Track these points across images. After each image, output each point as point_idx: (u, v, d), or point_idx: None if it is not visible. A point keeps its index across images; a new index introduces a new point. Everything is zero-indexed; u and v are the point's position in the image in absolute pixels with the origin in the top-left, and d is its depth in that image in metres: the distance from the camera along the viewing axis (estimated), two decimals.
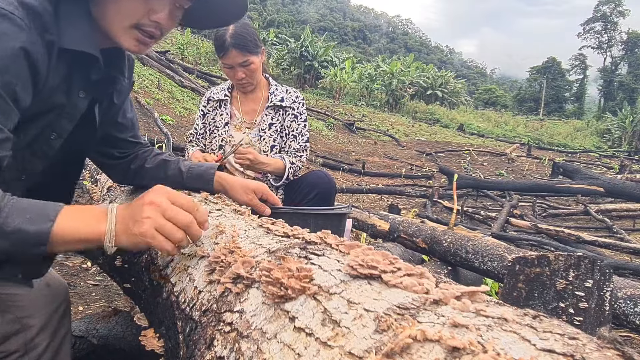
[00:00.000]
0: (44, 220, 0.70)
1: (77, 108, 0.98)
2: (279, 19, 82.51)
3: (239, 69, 2.00)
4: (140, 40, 0.93)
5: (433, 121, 26.50)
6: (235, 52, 1.94)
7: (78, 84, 0.94)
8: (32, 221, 0.69)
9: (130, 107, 1.29)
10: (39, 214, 0.71)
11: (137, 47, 0.94)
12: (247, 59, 1.97)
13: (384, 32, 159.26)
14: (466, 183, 6.93)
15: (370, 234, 3.04)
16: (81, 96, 0.97)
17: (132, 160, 1.31)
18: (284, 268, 0.60)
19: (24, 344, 0.98)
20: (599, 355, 0.36)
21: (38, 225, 0.69)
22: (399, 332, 0.43)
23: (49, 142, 0.95)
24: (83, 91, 0.96)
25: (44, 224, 0.70)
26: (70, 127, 0.98)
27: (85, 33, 0.88)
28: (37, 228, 0.69)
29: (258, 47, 2.02)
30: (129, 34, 0.91)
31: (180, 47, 21.73)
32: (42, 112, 0.89)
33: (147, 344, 0.86)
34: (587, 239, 3.82)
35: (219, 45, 1.99)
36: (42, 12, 0.81)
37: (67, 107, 0.94)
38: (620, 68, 60.74)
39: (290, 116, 2.14)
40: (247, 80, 2.04)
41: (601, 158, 16.46)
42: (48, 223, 0.70)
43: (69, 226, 0.72)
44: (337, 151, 11.26)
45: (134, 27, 0.91)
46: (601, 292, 1.15)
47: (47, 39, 0.82)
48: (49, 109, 0.90)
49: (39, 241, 0.69)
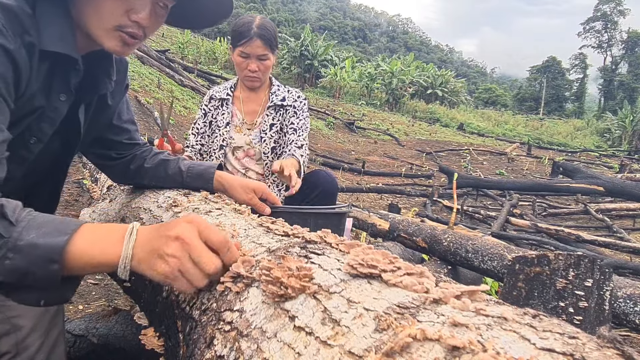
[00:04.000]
0: (59, 234, 0.66)
1: (58, 111, 0.96)
2: (279, 18, 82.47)
3: (255, 61, 1.99)
4: (123, 41, 0.91)
5: (433, 120, 26.48)
6: (259, 42, 1.94)
7: (58, 87, 0.93)
8: (47, 235, 0.65)
9: (127, 108, 1.28)
10: (56, 228, 0.67)
11: (121, 49, 0.93)
12: (266, 53, 1.97)
13: (384, 31, 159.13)
14: (466, 182, 6.92)
15: (370, 233, 3.04)
16: (62, 99, 0.95)
17: (131, 161, 1.31)
18: (284, 267, 0.60)
19: (15, 345, 0.95)
20: (599, 355, 0.36)
21: (52, 239, 0.65)
22: (398, 331, 0.43)
23: (28, 146, 0.93)
24: (64, 94, 0.95)
25: (57, 237, 0.65)
26: (50, 131, 0.97)
27: (62, 34, 0.87)
28: (50, 242, 0.65)
29: (276, 46, 2.03)
30: (110, 36, 0.90)
31: (180, 46, 21.71)
32: (22, 116, 0.87)
33: (147, 343, 0.87)
34: (587, 239, 3.82)
35: (242, 32, 1.95)
36: (20, 13, 0.79)
37: (47, 111, 0.92)
38: (620, 67, 60.71)
39: (290, 113, 2.11)
40: (257, 75, 2.02)
41: (601, 157, 16.44)
42: (63, 237, 0.66)
43: (84, 246, 0.67)
44: (337, 150, 11.26)
45: (116, 29, 0.89)
46: (601, 292, 1.15)
47: (27, 40, 0.80)
48: (29, 112, 0.88)
49: (51, 257, 0.64)
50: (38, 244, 0.64)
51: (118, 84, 1.16)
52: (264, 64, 2.00)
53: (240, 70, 2.05)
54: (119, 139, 1.26)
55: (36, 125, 0.92)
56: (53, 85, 0.91)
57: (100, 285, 2.31)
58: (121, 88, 1.19)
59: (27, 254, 0.63)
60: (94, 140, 1.21)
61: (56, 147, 1.05)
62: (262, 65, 2.00)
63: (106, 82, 1.08)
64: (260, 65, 2.00)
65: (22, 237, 0.64)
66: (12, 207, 0.67)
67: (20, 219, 0.66)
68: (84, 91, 1.03)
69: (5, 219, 0.64)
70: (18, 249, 0.63)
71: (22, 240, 0.64)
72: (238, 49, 1.99)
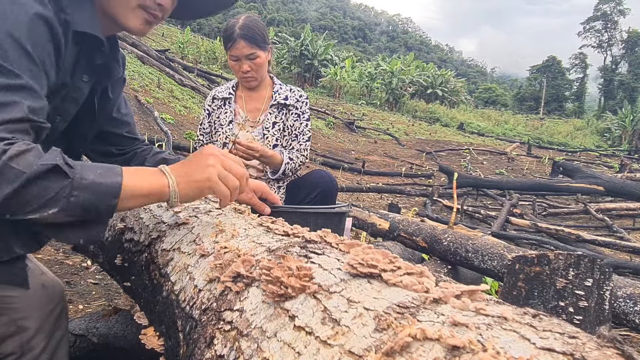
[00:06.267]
0: (114, 174, 0.76)
1: (81, 92, 0.99)
2: (279, 18, 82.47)
3: (245, 61, 1.99)
4: (146, 20, 0.95)
5: (433, 120, 26.46)
6: (244, 43, 1.94)
7: (82, 68, 0.95)
8: (104, 175, 0.75)
9: (125, 103, 1.29)
10: (108, 169, 0.76)
11: (143, 27, 0.96)
12: (254, 51, 1.97)
13: (384, 31, 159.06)
14: (466, 182, 6.93)
15: (370, 233, 3.04)
16: (85, 80, 0.98)
17: (131, 158, 1.31)
18: (284, 267, 0.60)
19: (20, 346, 0.96)
20: (599, 354, 0.36)
21: (110, 179, 0.75)
22: (398, 331, 0.43)
23: (54, 124, 0.95)
24: (86, 75, 0.98)
25: (115, 177, 0.76)
26: (74, 110, 1.00)
27: (91, 16, 0.90)
28: (110, 180, 0.75)
29: (266, 42, 2.02)
30: (135, 14, 0.94)
31: (180, 46, 21.69)
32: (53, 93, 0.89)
33: (147, 343, 0.87)
34: (587, 238, 3.82)
35: (227, 36, 1.98)
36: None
37: (71, 90, 0.95)
38: (620, 67, 60.68)
39: (293, 115, 2.13)
40: (251, 75, 2.03)
41: (601, 157, 16.44)
42: (118, 177, 0.76)
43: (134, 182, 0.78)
44: (337, 150, 11.26)
45: (140, 8, 0.93)
46: (601, 291, 1.15)
47: (63, 18, 0.83)
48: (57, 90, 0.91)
49: (113, 193, 0.74)
50: (101, 182, 0.74)
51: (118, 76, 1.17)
52: (255, 63, 2.00)
53: (235, 72, 2.09)
54: (119, 131, 1.27)
55: (61, 104, 0.95)
56: (78, 65, 0.94)
57: (100, 285, 2.31)
58: (120, 81, 1.20)
59: (92, 191, 0.72)
60: (95, 135, 1.22)
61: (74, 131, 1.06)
62: (253, 65, 2.00)
63: (118, 68, 1.11)
64: (252, 65, 2.00)
65: (84, 176, 0.72)
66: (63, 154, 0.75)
67: (73, 164, 0.73)
68: (102, 76, 1.05)
69: (66, 163, 0.72)
70: (83, 186, 0.72)
71: (86, 179, 0.72)
72: (228, 53, 2.02)
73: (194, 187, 0.84)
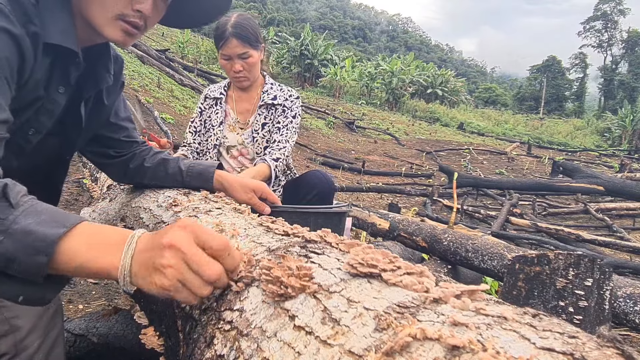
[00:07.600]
0: (55, 225, 0.61)
1: (56, 104, 0.96)
2: (279, 17, 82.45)
3: (237, 60, 1.95)
4: (125, 31, 0.92)
5: (433, 120, 26.46)
6: (236, 42, 1.90)
7: (58, 80, 0.93)
8: (43, 223, 0.61)
9: (124, 107, 1.28)
10: (54, 218, 0.62)
11: (123, 38, 0.93)
12: (246, 50, 1.93)
13: (384, 31, 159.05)
14: (466, 182, 6.92)
15: (370, 233, 3.04)
16: (60, 92, 0.96)
17: (130, 159, 1.31)
18: (284, 266, 0.60)
19: (13, 346, 0.95)
20: (599, 354, 0.36)
21: (47, 229, 0.60)
22: (398, 331, 0.43)
23: (27, 137, 0.94)
24: (62, 87, 0.95)
25: (53, 229, 0.60)
26: (49, 123, 0.97)
27: (65, 27, 0.87)
28: (44, 231, 0.60)
29: (258, 41, 1.98)
30: (113, 25, 0.91)
31: (180, 46, 21.70)
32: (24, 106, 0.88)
33: (147, 342, 0.87)
34: (587, 238, 3.82)
35: (219, 35, 1.93)
36: (24, 2, 0.80)
37: (45, 103, 0.93)
38: (620, 67, 60.68)
39: (279, 111, 2.07)
40: (243, 75, 1.99)
41: (601, 157, 16.44)
42: (59, 229, 0.61)
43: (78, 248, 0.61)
44: (337, 150, 11.25)
45: (118, 18, 0.90)
46: (601, 291, 1.15)
47: (32, 30, 0.81)
48: (30, 103, 0.89)
49: (43, 248, 0.59)
50: (32, 231, 0.60)
51: (114, 82, 1.16)
52: (247, 62, 1.96)
53: (227, 72, 2.04)
54: (116, 136, 1.26)
55: (35, 116, 0.93)
56: (53, 77, 0.92)
57: (100, 285, 2.31)
58: (117, 86, 1.20)
59: (18, 240, 0.59)
60: (91, 138, 1.21)
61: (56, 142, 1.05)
62: (245, 64, 1.96)
63: (106, 76, 1.09)
64: (244, 64, 1.96)
65: (18, 220, 0.60)
66: (17, 190, 0.64)
67: (21, 203, 0.62)
68: (85, 86, 1.03)
69: (6, 199, 0.61)
70: (11, 232, 0.59)
71: (18, 224, 0.60)
72: (220, 52, 1.97)
73: (149, 289, 0.61)
